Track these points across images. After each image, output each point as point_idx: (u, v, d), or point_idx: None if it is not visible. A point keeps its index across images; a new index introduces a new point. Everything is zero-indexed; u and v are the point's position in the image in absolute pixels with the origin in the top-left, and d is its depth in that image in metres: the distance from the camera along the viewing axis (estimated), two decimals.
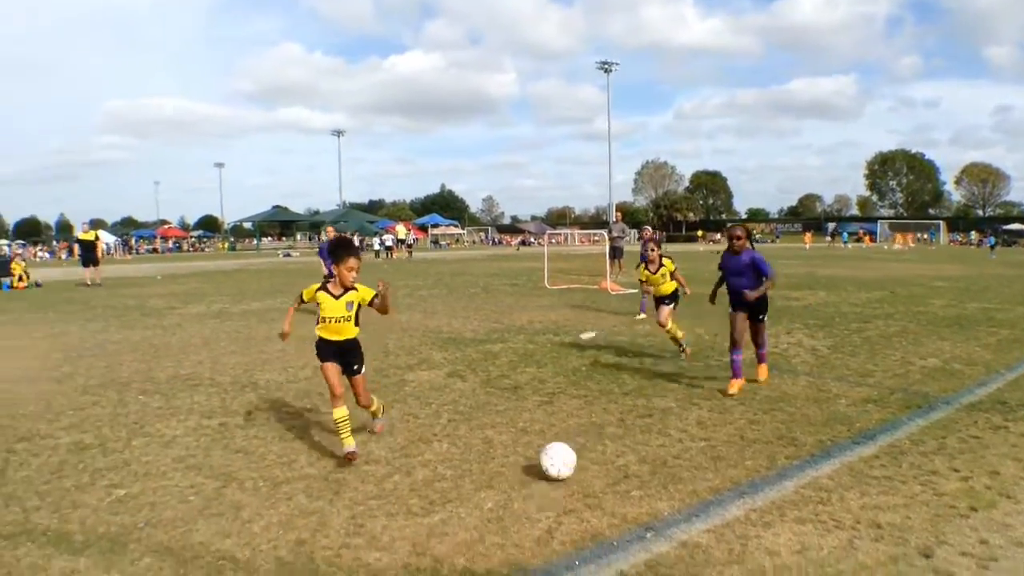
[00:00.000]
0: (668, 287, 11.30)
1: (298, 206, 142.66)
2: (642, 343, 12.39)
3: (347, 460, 6.45)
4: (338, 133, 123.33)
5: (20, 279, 30.22)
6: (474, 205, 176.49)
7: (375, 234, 70.09)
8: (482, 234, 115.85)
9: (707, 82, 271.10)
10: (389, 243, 58.79)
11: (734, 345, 8.86)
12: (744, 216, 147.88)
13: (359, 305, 6.65)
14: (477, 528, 5.10)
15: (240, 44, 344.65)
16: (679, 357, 10.99)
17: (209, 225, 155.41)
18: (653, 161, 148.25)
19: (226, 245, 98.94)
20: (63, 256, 78.99)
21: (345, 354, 6.73)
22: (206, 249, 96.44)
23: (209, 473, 6.31)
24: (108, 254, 71.54)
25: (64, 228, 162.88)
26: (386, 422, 7.51)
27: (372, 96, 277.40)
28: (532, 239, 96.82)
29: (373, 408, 7.21)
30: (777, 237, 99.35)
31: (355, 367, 6.80)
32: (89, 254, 30.37)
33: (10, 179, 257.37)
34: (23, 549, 4.99)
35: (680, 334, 11.05)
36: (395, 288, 23.93)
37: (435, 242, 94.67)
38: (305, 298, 6.86)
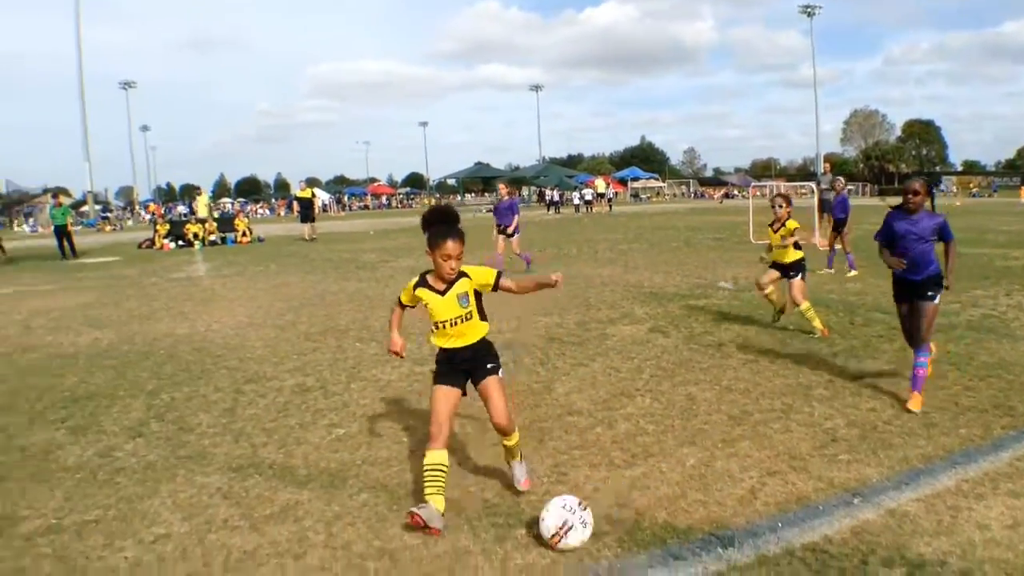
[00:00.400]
0: (790, 255, 9.74)
1: (499, 162, 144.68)
2: (853, 300, 11.94)
3: (412, 522, 4.47)
4: (536, 88, 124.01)
5: (244, 234, 32.22)
6: (674, 157, 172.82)
7: (574, 188, 70.18)
8: (683, 187, 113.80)
9: (915, 25, 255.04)
10: (588, 197, 58.84)
11: (916, 346, 6.83)
12: (959, 168, 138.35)
13: (479, 294, 4.99)
14: (679, 484, 5.13)
15: (438, 4, 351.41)
16: (812, 335, 9.55)
17: (415, 182, 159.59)
18: (862, 109, 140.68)
19: (431, 201, 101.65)
20: (281, 213, 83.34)
21: (473, 359, 5.05)
22: (413, 205, 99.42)
23: (421, 417, 6.61)
24: (323, 211, 75.02)
25: (281, 186, 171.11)
26: (529, 472, 5.28)
27: (569, 50, 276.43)
28: (735, 192, 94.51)
29: (512, 441, 5.10)
30: (994, 191, 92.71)
31: (488, 365, 5.06)
32: (307, 211, 32.02)
33: (230, 141, 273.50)
34: (251, 481, 5.43)
35: (818, 324, 9.57)
36: (595, 243, 24.04)
37: (635, 196, 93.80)
38: (404, 300, 5.17)
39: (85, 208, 71.47)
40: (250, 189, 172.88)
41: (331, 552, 4.35)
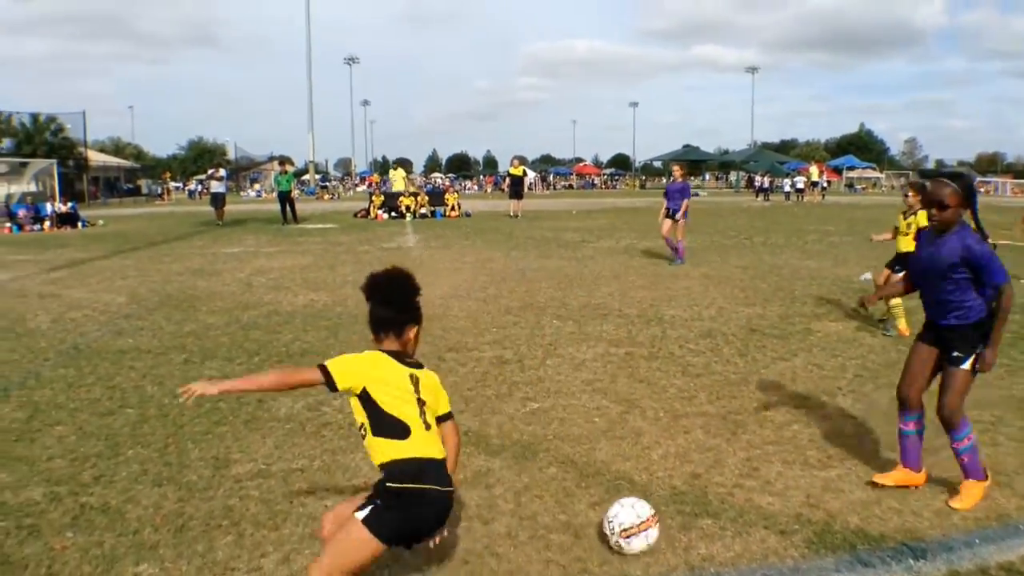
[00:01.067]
0: (907, 244, 9.16)
1: (708, 145, 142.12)
2: None
3: None
4: (752, 70, 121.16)
5: (452, 209, 33.06)
6: (894, 147, 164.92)
7: (786, 175, 68.13)
8: (902, 179, 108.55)
9: None
10: (800, 185, 56.98)
11: (902, 405, 5.17)
12: None
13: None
14: (875, 490, 4.95)
15: None
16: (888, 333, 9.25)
17: (621, 163, 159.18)
18: None
19: (636, 182, 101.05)
20: (488, 189, 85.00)
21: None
22: (618, 186, 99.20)
23: (614, 398, 6.66)
24: (529, 189, 76.02)
25: (489, 163, 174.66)
26: None
27: (787, 31, 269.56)
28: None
29: None
30: None
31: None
32: (517, 187, 32.54)
33: (444, 118, 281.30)
34: None
35: (902, 324, 9.20)
36: (804, 233, 23.28)
37: (849, 185, 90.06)
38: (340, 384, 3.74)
39: (306, 177, 75.17)
40: (460, 165, 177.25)
41: (518, 521, 4.46)
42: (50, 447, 5.79)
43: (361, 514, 3.39)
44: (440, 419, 3.78)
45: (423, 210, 32.52)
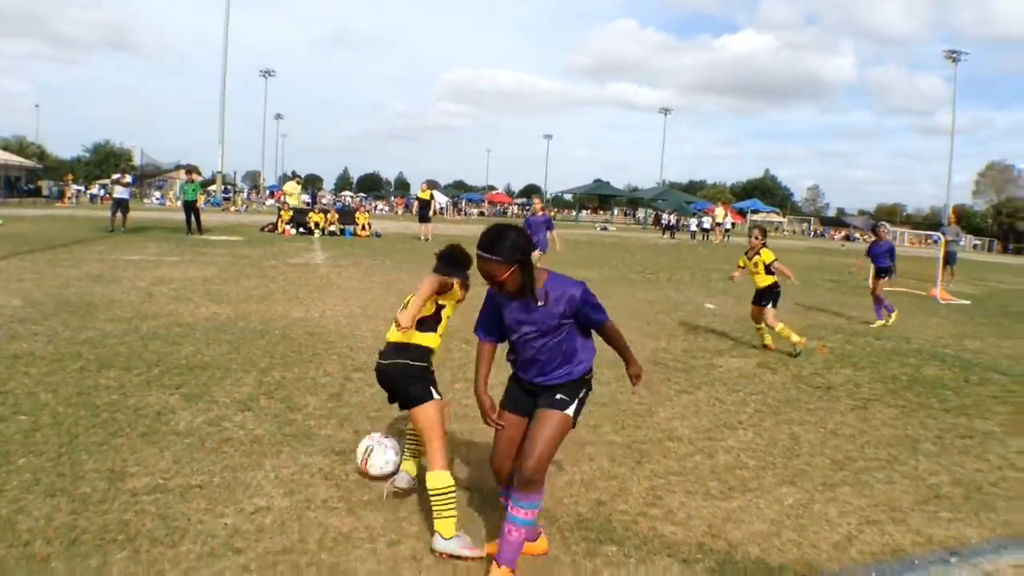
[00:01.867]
0: (763, 280, 11.04)
1: (618, 181, 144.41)
2: (970, 358, 11.53)
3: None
4: (665, 111, 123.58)
5: (363, 228, 32.87)
6: (798, 193, 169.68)
7: (692, 214, 69.56)
8: (804, 225, 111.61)
9: None
10: (707, 225, 58.21)
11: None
12: None
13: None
14: (775, 522, 5.05)
15: (576, 19, 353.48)
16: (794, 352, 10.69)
17: (532, 193, 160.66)
18: (998, 162, 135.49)
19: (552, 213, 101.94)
20: (399, 211, 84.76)
21: None
22: (526, 212, 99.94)
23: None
24: (440, 213, 75.96)
25: (401, 185, 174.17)
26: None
27: (701, 75, 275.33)
28: (857, 235, 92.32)
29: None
30: None
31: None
32: (424, 211, 32.58)
33: (358, 136, 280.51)
34: (352, 466, 5.55)
35: (795, 338, 10.71)
36: (708, 271, 23.75)
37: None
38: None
39: (212, 188, 73.86)
40: (371, 185, 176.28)
41: (424, 544, 4.42)
42: None
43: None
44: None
45: (332, 227, 32.24)
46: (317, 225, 31.98)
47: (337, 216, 33.55)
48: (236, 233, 30.04)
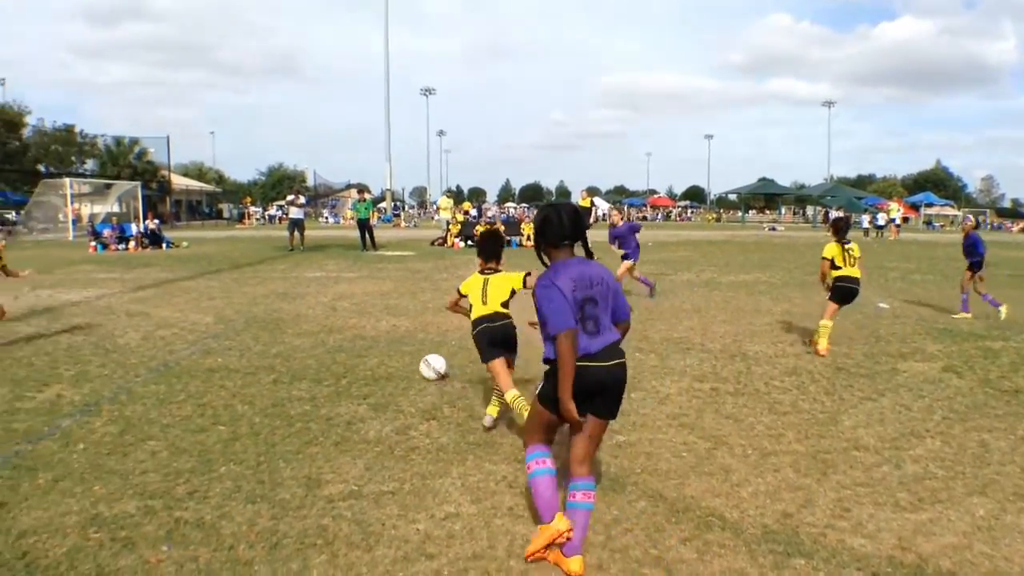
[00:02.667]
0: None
1: (783, 179, 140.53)
2: None
3: None
4: (828, 104, 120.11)
5: (528, 238, 33.24)
6: (971, 184, 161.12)
7: (864, 210, 67.00)
8: (980, 217, 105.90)
9: None
10: (881, 222, 56.01)
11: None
12: None
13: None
14: (966, 534, 4.85)
15: (729, 17, 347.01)
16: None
17: (695, 196, 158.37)
18: None
19: (712, 216, 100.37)
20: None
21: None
22: (692, 218, 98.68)
23: (701, 434, 6.63)
24: (602, 219, 75.89)
25: (562, 194, 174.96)
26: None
27: (861, 65, 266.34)
28: None
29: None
30: None
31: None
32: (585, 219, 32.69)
33: (519, 147, 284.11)
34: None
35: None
36: (885, 270, 22.89)
37: (928, 223, 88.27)
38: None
39: (382, 205, 76.15)
40: (533, 195, 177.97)
41: (609, 554, 4.48)
42: (143, 461, 5.96)
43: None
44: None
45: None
46: None
47: (503, 227, 34.06)
48: (408, 248, 30.91)
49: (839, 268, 10.32)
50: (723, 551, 4.50)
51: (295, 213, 31.15)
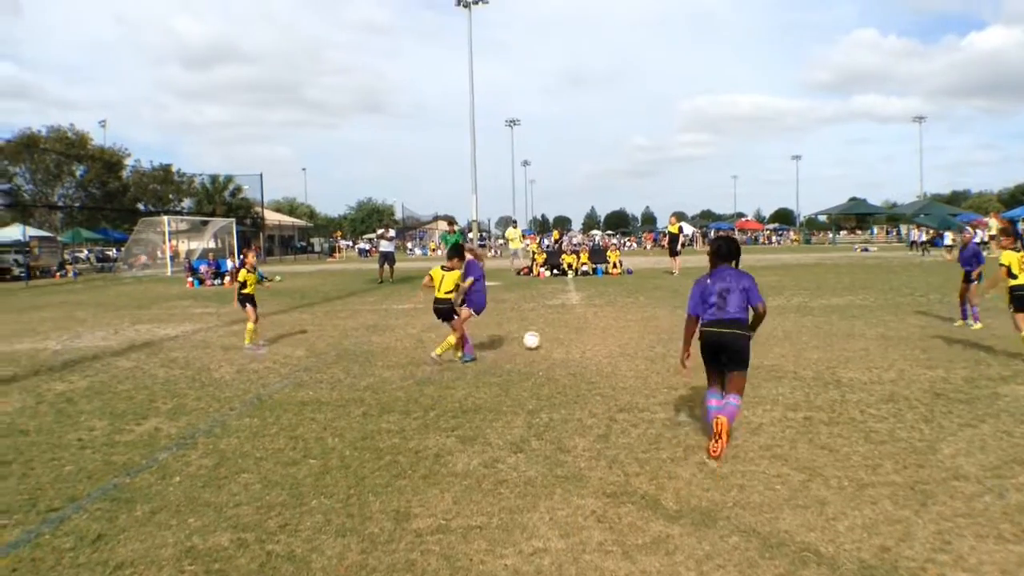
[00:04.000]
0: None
1: (874, 198, 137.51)
2: None
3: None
4: (918, 119, 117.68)
5: (614, 266, 33.13)
6: None
7: (959, 228, 65.12)
8: None
9: None
10: (977, 239, 54.34)
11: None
12: None
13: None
14: None
15: (812, 35, 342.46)
16: None
17: (783, 218, 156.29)
18: None
19: (800, 238, 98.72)
20: (648, 246, 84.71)
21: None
22: (781, 242, 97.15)
23: (795, 465, 6.48)
24: (689, 244, 75.30)
25: (647, 220, 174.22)
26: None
27: (951, 78, 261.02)
28: None
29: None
30: None
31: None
32: (673, 245, 32.49)
33: (601, 175, 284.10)
34: (624, 508, 5.59)
35: None
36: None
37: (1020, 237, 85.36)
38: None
39: (470, 235, 76.82)
40: (618, 222, 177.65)
41: None
42: (236, 494, 6.07)
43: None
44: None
45: (584, 267, 32.70)
46: (570, 266, 32.56)
47: (588, 255, 34.02)
48: (494, 278, 31.02)
49: (1015, 277, 10.52)
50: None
51: (385, 246, 31.72)
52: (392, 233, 32.93)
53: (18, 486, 6.46)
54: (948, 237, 53.20)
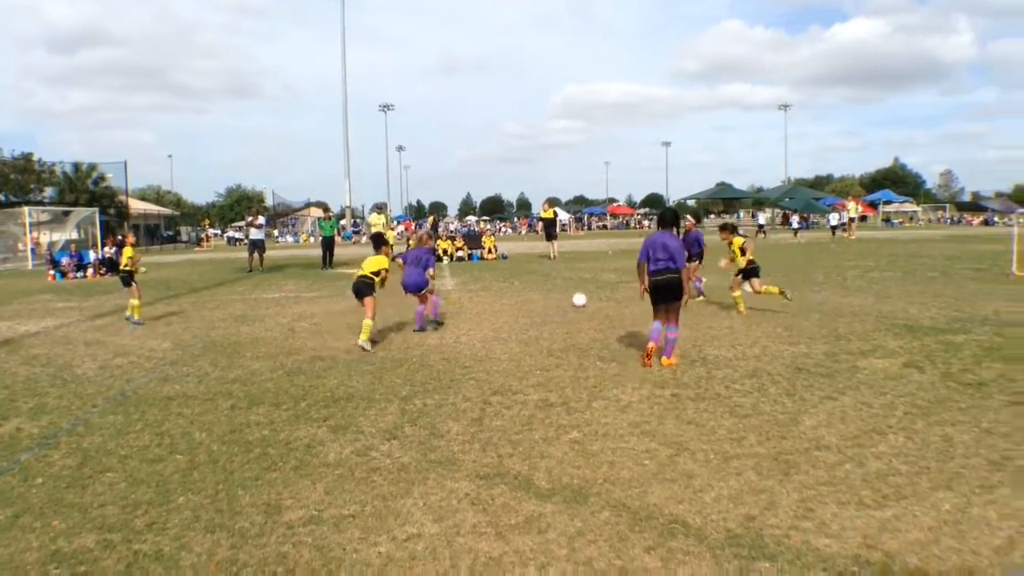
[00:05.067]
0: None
1: (740, 183, 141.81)
2: None
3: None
4: (784, 107, 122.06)
5: (489, 251, 33.22)
6: (930, 180, 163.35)
7: (823, 212, 67.75)
8: (939, 212, 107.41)
9: None
10: (833, 222, 56.59)
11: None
12: None
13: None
14: (932, 529, 4.85)
15: (681, 25, 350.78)
16: None
17: (654, 203, 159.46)
18: None
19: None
20: (523, 231, 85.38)
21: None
22: (651, 226, 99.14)
23: (663, 440, 6.61)
24: (563, 229, 76.13)
25: (523, 206, 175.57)
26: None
27: (815, 68, 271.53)
28: (996, 218, 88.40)
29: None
30: None
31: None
32: (550, 230, 32.81)
33: (477, 161, 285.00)
34: (498, 489, 5.61)
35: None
36: (843, 269, 23.13)
37: (886, 220, 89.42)
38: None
39: (343, 222, 76.02)
40: (493, 208, 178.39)
41: (573, 567, 4.42)
42: (101, 494, 5.84)
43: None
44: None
45: (460, 253, 32.71)
46: (445, 252, 32.49)
47: (464, 242, 34.04)
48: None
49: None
50: (687, 558, 4.46)
51: (254, 234, 30.97)
52: (261, 220, 32.05)
53: None
54: (794, 221, 55.24)
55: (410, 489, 5.68)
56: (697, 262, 15.93)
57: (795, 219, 56.73)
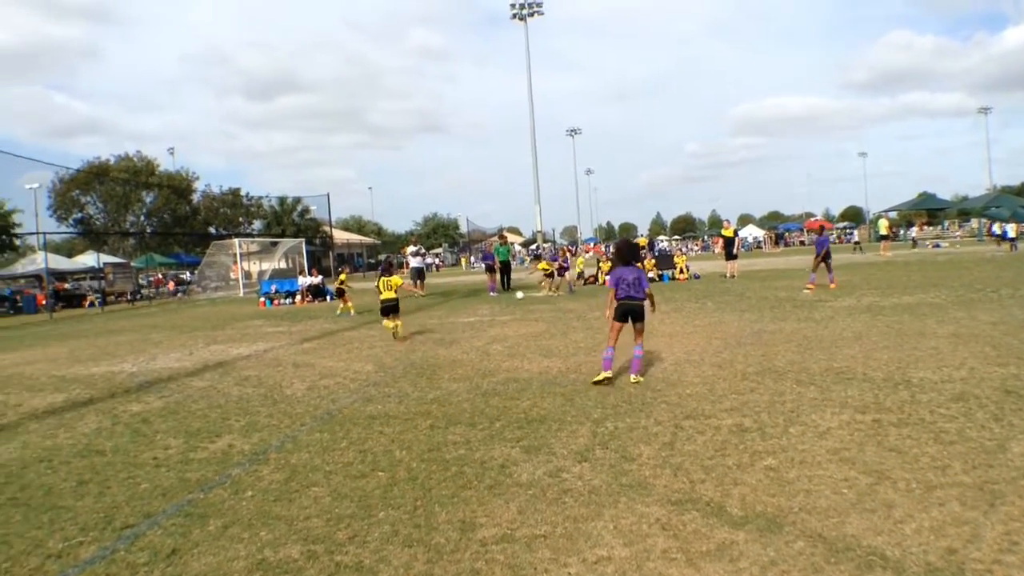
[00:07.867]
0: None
1: (942, 192, 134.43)
2: None
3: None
4: (984, 111, 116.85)
5: (681, 271, 32.89)
6: None
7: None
8: None
9: None
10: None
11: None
12: None
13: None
14: None
15: (854, 33, 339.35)
16: None
17: (853, 215, 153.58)
18: None
19: (869, 235, 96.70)
20: (716, 250, 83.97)
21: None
22: (852, 240, 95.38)
23: (862, 468, 6.36)
24: (758, 247, 74.38)
25: (714, 223, 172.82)
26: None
27: (991, 72, 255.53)
28: None
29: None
30: None
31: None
32: (729, 248, 32.34)
33: (661, 182, 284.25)
34: (689, 516, 5.54)
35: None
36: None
37: None
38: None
39: (534, 245, 77.01)
40: (685, 227, 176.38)
41: None
42: (307, 507, 6.18)
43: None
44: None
45: (651, 274, 32.52)
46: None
47: (655, 262, 33.84)
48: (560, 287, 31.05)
49: None
50: None
51: (415, 263, 32.17)
52: (411, 249, 33.54)
53: (94, 504, 6.65)
54: (1010, 230, 51.59)
55: (601, 512, 5.71)
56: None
57: (1010, 228, 52.38)
